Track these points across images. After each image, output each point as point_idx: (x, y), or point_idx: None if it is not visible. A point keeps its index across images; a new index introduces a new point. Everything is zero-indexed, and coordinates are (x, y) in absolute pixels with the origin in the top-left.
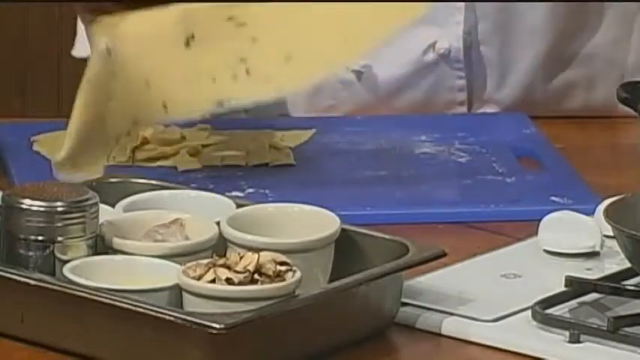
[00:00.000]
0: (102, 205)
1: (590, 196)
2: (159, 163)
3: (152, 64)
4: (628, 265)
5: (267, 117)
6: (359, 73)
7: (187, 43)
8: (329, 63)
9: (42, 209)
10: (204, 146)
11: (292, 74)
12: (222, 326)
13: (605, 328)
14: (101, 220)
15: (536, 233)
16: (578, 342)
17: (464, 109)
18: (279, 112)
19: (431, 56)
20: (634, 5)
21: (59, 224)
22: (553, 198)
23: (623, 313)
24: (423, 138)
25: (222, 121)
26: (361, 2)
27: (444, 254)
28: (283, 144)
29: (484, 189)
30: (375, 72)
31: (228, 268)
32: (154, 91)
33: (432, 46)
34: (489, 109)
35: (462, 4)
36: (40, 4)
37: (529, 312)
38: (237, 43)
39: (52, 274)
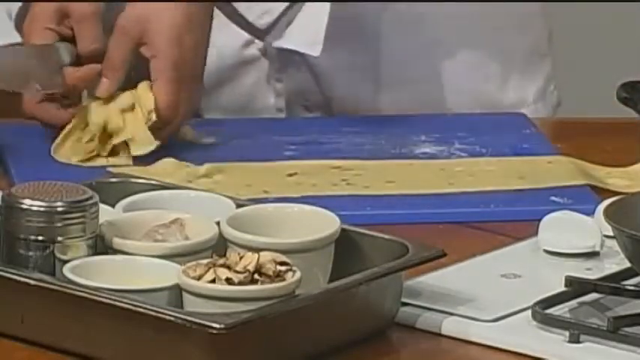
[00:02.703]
0: (102, 205)
1: (590, 196)
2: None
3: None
4: (628, 265)
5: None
6: None
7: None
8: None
9: (42, 209)
10: None
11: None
12: (222, 326)
13: (605, 328)
14: (101, 220)
15: (536, 233)
16: (578, 342)
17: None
18: None
19: (252, 51)
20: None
21: (59, 224)
22: (553, 198)
23: (623, 313)
24: (423, 138)
25: (222, 121)
26: None
27: (444, 254)
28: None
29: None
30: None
31: (228, 268)
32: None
33: (252, 40)
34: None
35: None
36: None
37: (529, 312)
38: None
39: (52, 274)
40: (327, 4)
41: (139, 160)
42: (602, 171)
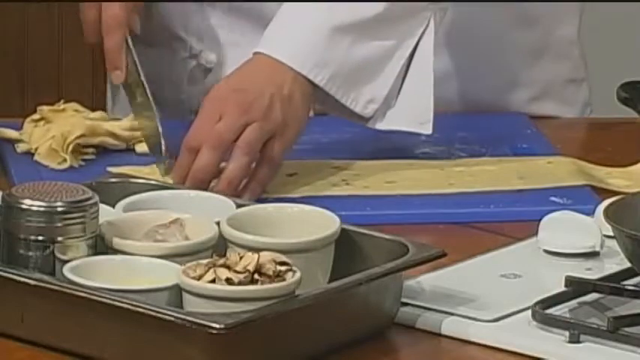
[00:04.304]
0: (102, 205)
1: (590, 196)
2: None
3: None
4: (628, 265)
5: None
6: (207, 71)
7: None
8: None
9: (42, 209)
10: None
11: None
12: (222, 326)
13: (605, 328)
14: (101, 220)
15: (536, 233)
16: (578, 342)
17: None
18: None
19: None
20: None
21: (59, 224)
22: (553, 198)
23: (623, 313)
24: (423, 138)
25: None
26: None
27: (444, 254)
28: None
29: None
30: (223, 70)
31: (228, 268)
32: None
33: None
34: None
35: None
36: (40, 3)
37: (529, 312)
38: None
39: (52, 274)
40: (431, 80)
41: (140, 161)
42: (602, 171)
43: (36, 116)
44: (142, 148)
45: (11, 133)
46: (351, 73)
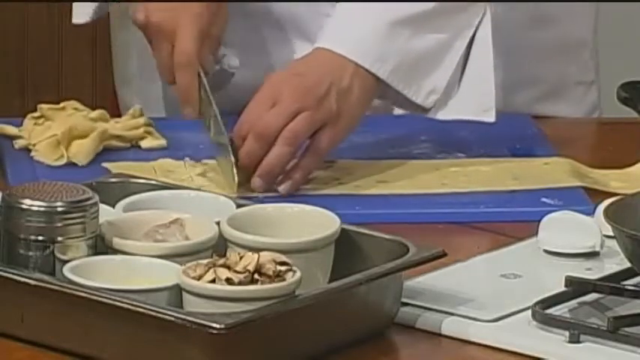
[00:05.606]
0: (102, 205)
1: (582, 198)
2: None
3: None
4: (628, 265)
5: None
6: (230, 75)
7: None
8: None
9: (42, 209)
10: None
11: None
12: (222, 326)
13: (604, 328)
14: (101, 220)
15: (536, 233)
16: (578, 342)
17: None
18: None
19: None
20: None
21: (59, 224)
22: (544, 199)
23: (623, 313)
24: (423, 138)
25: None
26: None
27: (444, 254)
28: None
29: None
30: (247, 74)
31: (228, 268)
32: None
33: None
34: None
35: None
36: (40, 3)
37: (529, 312)
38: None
39: (52, 274)
40: (491, 68)
41: (139, 160)
42: (599, 173)
43: (36, 114)
44: (147, 143)
45: (10, 130)
46: (412, 65)
